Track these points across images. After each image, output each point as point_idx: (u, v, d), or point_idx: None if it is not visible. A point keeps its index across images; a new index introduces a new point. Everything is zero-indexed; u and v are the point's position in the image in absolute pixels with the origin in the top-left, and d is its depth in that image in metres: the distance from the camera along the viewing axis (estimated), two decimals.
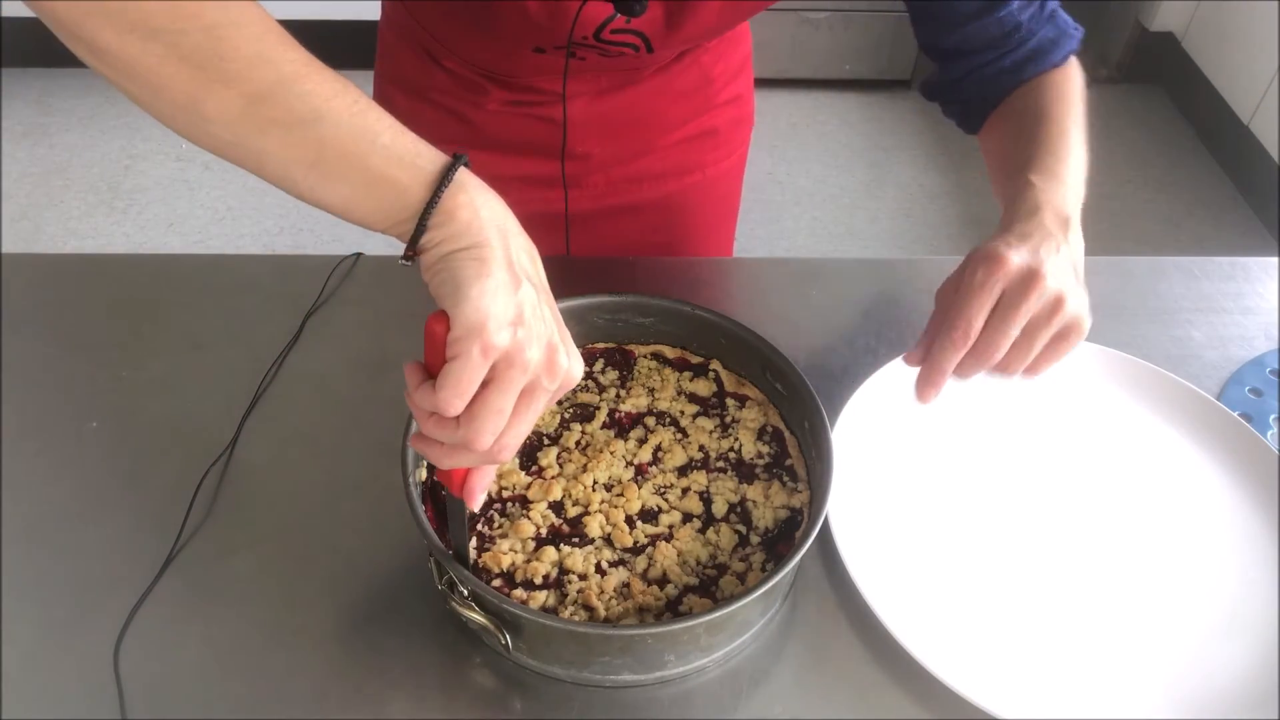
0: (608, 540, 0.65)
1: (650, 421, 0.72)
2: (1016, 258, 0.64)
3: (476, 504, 0.58)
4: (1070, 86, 0.77)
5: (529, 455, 0.70)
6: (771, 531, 0.66)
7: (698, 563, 0.64)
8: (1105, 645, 0.65)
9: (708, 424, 0.72)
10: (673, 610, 0.61)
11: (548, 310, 0.53)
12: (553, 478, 0.68)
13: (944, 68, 0.83)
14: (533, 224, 0.55)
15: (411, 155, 0.50)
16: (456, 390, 0.48)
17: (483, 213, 0.50)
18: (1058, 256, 0.65)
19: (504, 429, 0.51)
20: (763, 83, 1.05)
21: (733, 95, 0.99)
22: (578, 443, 0.71)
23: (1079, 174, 0.72)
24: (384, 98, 0.97)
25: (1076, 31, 0.79)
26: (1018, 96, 0.79)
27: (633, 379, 0.76)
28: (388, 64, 0.97)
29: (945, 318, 0.68)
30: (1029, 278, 0.63)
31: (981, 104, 0.82)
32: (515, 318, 0.49)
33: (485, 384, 0.50)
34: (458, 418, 0.50)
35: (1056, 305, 0.64)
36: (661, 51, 0.82)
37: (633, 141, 0.95)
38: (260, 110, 0.49)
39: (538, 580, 0.62)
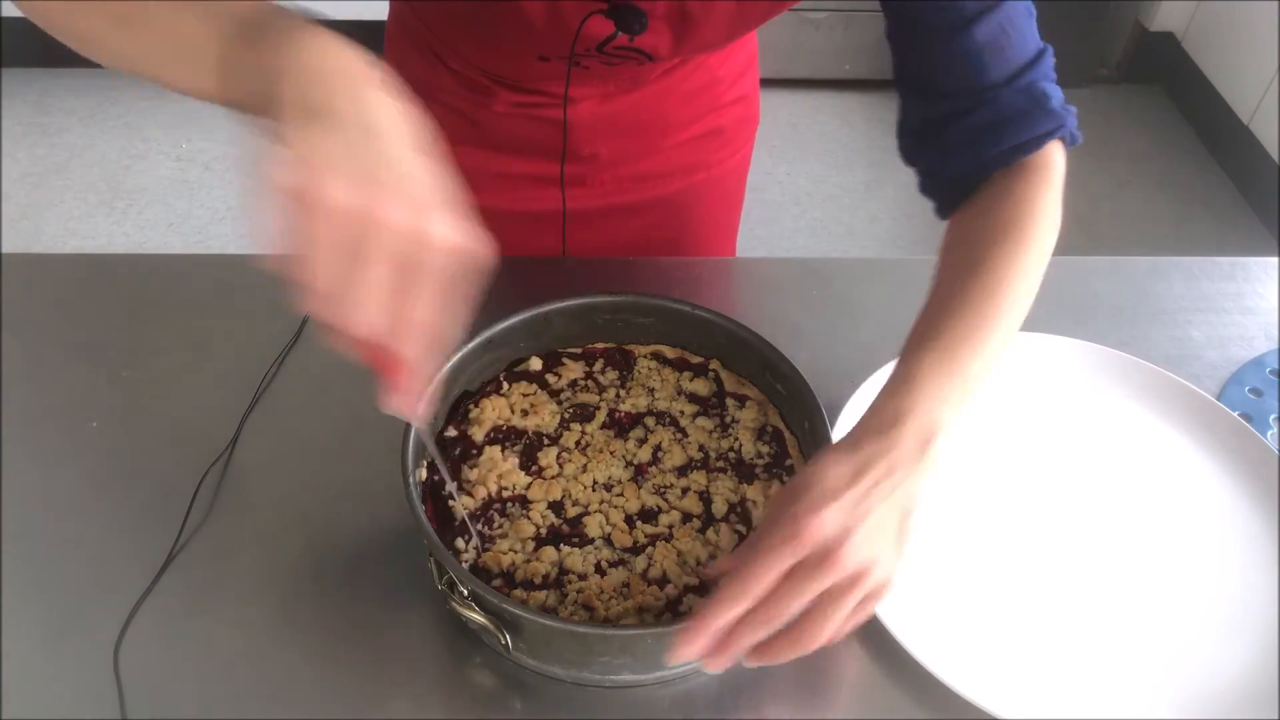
0: (608, 540, 0.65)
1: (650, 421, 0.72)
2: (818, 529, 0.52)
3: (420, 411, 0.52)
4: (1030, 212, 0.66)
5: (529, 455, 0.70)
6: None
7: (697, 563, 0.64)
8: (1105, 645, 0.65)
9: (707, 424, 0.72)
10: (673, 610, 0.61)
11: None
12: (552, 478, 0.68)
13: (906, 115, 0.72)
14: (531, 221, 0.55)
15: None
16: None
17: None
18: (882, 506, 0.54)
19: (391, 307, 0.47)
20: (763, 83, 1.05)
21: (739, 95, 0.99)
22: (577, 443, 0.71)
23: (985, 358, 0.61)
24: None
25: (1063, 113, 0.67)
26: (972, 217, 0.68)
27: (632, 379, 0.76)
28: (395, 63, 0.97)
29: (736, 567, 0.54)
30: (826, 554, 0.52)
31: (948, 186, 0.71)
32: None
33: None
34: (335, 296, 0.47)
35: (857, 579, 0.53)
36: (666, 61, 0.82)
37: (639, 142, 0.95)
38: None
39: (538, 580, 0.62)
